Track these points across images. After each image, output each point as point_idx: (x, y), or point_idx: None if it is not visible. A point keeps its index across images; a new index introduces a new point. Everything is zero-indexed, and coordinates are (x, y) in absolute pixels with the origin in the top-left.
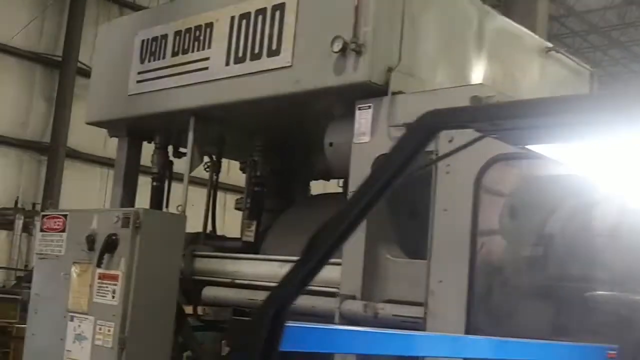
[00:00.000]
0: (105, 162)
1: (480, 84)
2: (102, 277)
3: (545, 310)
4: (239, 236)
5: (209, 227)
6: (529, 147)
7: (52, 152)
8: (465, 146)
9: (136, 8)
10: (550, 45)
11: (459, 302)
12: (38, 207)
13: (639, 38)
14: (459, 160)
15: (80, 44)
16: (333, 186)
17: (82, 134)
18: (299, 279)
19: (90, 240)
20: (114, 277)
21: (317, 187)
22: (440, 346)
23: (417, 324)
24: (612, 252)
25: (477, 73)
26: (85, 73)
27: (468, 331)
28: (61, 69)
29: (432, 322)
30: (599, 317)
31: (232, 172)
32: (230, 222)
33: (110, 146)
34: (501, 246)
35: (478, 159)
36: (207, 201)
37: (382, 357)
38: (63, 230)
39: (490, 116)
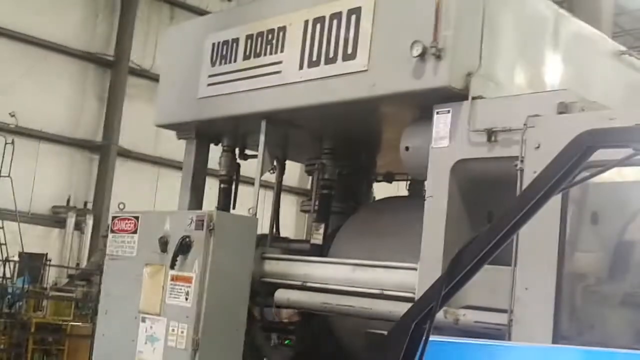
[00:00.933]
0: (156, 162)
1: (564, 89)
2: (175, 278)
3: (629, 318)
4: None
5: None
6: None
7: (103, 151)
8: (620, 162)
9: (186, 7)
10: (623, 48)
11: (545, 310)
12: (89, 206)
13: None
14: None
15: (131, 44)
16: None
17: (134, 133)
18: (442, 293)
19: (163, 242)
20: (188, 279)
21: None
22: None
23: (500, 332)
24: None
25: (553, 76)
26: (137, 72)
27: (555, 339)
28: (113, 69)
29: (518, 329)
30: None
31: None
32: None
33: (161, 146)
34: (585, 253)
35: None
36: (273, 203)
37: None
38: (135, 232)
39: None
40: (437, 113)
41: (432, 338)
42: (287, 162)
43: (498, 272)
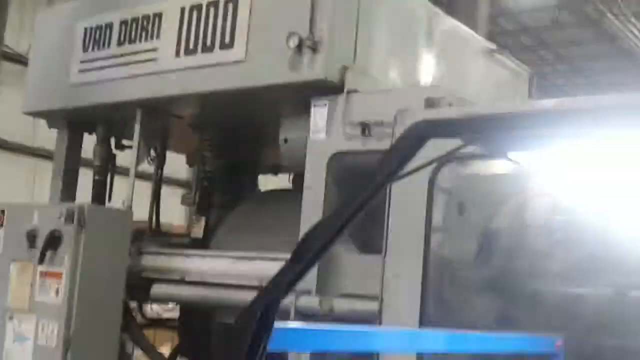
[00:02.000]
0: (34, 153)
1: (433, 85)
2: (44, 274)
3: (492, 303)
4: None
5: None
6: (509, 154)
7: None
8: (447, 156)
9: None
10: (494, 47)
11: (412, 296)
12: None
13: (568, 39)
14: (414, 159)
15: (5, 28)
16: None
17: (9, 122)
18: (287, 280)
19: (32, 237)
20: (58, 275)
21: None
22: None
23: (372, 318)
24: (555, 246)
25: (427, 73)
26: (11, 57)
27: (422, 324)
28: None
29: (388, 315)
30: (544, 310)
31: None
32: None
33: (40, 136)
34: (451, 242)
35: (432, 158)
36: (152, 195)
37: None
38: (0, 226)
39: (478, 128)
40: (314, 106)
41: (280, 325)
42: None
43: (371, 260)
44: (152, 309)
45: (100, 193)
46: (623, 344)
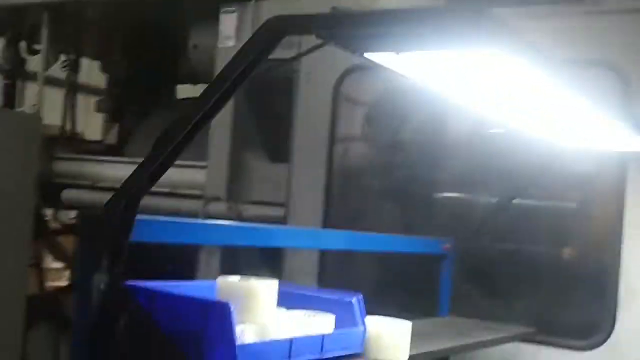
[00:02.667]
0: None
1: None
2: None
3: (393, 209)
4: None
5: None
6: (368, 55)
7: None
8: (305, 53)
9: None
10: None
11: (316, 203)
12: None
13: None
14: (319, 69)
15: None
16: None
17: None
18: (149, 173)
19: None
20: None
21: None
22: (298, 238)
23: (279, 224)
24: (454, 158)
25: None
26: None
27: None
28: None
29: (292, 221)
30: (440, 215)
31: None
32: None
33: None
34: (360, 151)
35: (337, 69)
36: (65, 100)
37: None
38: None
39: (329, 25)
40: (223, 12)
41: (144, 218)
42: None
43: (279, 168)
44: (70, 216)
45: (9, 98)
46: (508, 247)
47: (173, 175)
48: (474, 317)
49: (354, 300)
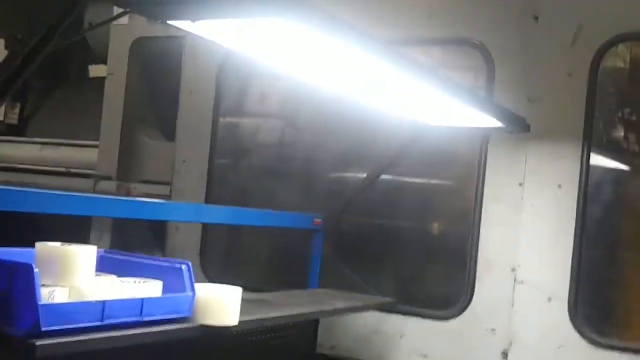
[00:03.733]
0: None
1: None
2: None
3: (273, 186)
4: None
5: None
6: (170, 22)
7: None
8: (106, 22)
9: None
10: None
11: (200, 180)
12: None
13: None
14: (204, 47)
15: None
16: None
17: None
18: None
19: None
20: None
21: None
22: (182, 212)
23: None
24: (331, 138)
25: None
26: None
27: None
28: None
29: (176, 198)
30: (314, 192)
31: None
32: None
33: None
34: (239, 129)
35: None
36: None
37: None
38: None
39: None
40: None
41: None
42: None
43: (169, 147)
44: None
45: None
46: (379, 223)
47: (68, 154)
48: (343, 289)
49: (183, 267)
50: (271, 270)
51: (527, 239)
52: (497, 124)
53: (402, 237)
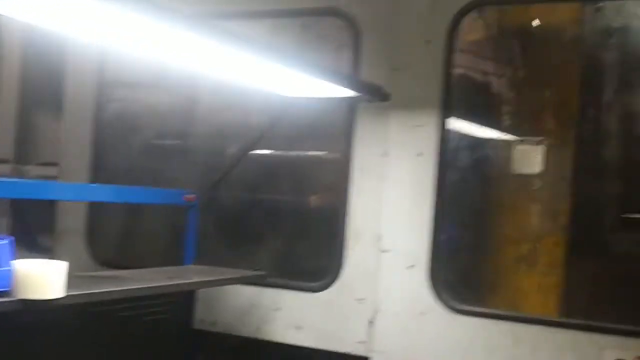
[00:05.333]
0: None
1: None
2: None
3: (150, 162)
4: None
5: None
6: None
7: None
8: None
9: None
10: None
11: (83, 157)
12: None
13: None
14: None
15: None
16: None
17: None
18: None
19: None
20: None
21: None
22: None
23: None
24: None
25: None
26: None
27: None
28: None
29: (63, 178)
30: (189, 167)
31: None
32: None
33: None
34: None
35: None
36: None
37: None
38: None
39: None
40: None
41: None
42: None
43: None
44: None
45: None
46: (256, 197)
47: None
48: (219, 265)
49: (2, 242)
50: (156, 249)
51: (390, 208)
52: (350, 93)
53: (278, 211)
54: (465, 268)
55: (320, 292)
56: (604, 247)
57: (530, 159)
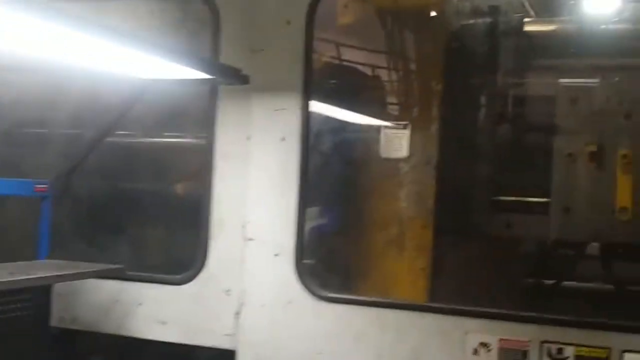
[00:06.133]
0: None
1: None
2: None
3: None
4: None
5: None
6: None
7: None
8: None
9: None
10: None
11: None
12: None
13: None
14: None
15: None
16: None
17: None
18: None
19: None
20: None
21: None
22: None
23: None
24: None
25: None
26: None
27: None
28: None
29: None
30: (46, 155)
31: None
32: None
33: None
34: None
35: None
36: None
37: None
38: None
39: None
40: None
41: None
42: None
43: None
44: None
45: None
46: (114, 186)
47: None
48: (76, 259)
49: None
50: (8, 243)
51: (254, 194)
52: (205, 75)
53: (139, 200)
54: (332, 254)
55: (185, 285)
56: (473, 229)
57: (397, 143)
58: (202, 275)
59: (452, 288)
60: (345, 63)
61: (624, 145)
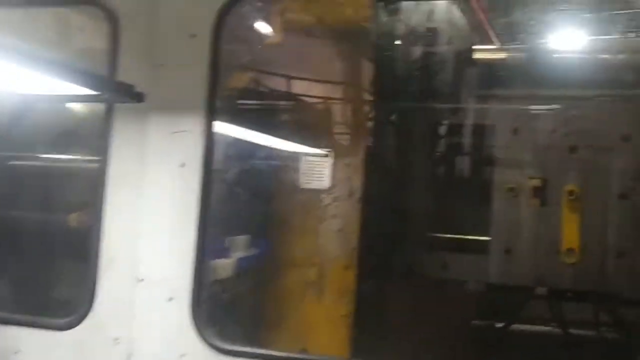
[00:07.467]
0: None
1: None
2: None
3: None
4: None
5: None
6: None
7: None
8: None
9: None
10: None
11: None
12: None
13: None
14: None
15: None
16: None
17: None
18: None
19: None
20: None
21: None
22: None
23: None
24: None
25: None
26: None
27: None
28: None
29: None
30: None
31: None
32: None
33: None
34: None
35: None
36: None
37: None
38: None
39: None
40: None
41: None
42: None
43: None
44: None
45: None
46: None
47: None
48: None
49: None
50: None
51: (148, 227)
52: (88, 91)
53: (21, 231)
54: (235, 299)
55: (69, 331)
56: (403, 271)
57: (318, 172)
58: (88, 320)
59: (380, 339)
60: (260, 81)
61: (571, 179)
